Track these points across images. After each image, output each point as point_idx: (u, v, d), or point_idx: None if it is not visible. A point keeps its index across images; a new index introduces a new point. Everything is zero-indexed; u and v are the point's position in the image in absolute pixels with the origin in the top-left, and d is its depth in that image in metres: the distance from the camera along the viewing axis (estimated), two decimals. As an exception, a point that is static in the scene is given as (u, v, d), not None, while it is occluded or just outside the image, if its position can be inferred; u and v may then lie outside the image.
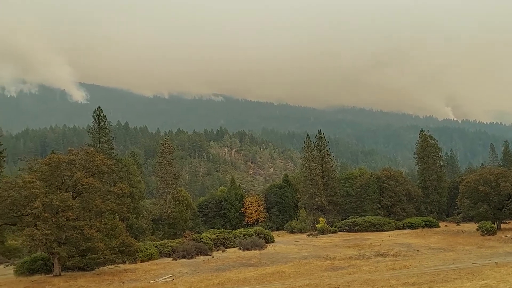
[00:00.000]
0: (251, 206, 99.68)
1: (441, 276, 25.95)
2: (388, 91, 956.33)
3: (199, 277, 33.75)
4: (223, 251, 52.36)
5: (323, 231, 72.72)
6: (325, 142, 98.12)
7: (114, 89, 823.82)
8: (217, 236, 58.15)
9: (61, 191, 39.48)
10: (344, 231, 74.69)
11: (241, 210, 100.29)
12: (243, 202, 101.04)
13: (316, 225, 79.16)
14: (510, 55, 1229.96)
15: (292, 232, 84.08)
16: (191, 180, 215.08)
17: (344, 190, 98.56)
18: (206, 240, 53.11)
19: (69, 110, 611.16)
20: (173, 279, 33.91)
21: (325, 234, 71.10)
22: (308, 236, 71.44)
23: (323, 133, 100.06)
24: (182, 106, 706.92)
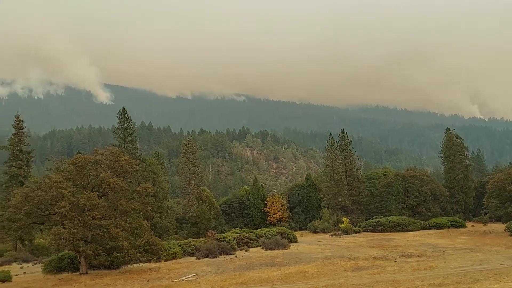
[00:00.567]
0: (274, 206, 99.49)
1: (468, 278, 25.39)
2: (412, 90, 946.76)
3: (222, 276, 33.85)
4: (246, 251, 52.47)
5: (347, 231, 72.07)
6: (348, 141, 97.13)
7: (138, 90, 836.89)
8: (240, 236, 58.31)
9: (87, 191, 40.12)
10: (368, 231, 73.83)
11: (264, 210, 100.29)
12: (266, 202, 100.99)
13: (340, 225, 78.62)
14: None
15: (315, 232, 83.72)
16: (214, 180, 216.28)
17: (368, 190, 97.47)
18: (229, 240, 53.34)
19: (95, 111, 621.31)
20: (197, 278, 34.05)
21: (349, 234, 70.48)
22: (332, 236, 71.01)
23: (346, 132, 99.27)
24: (205, 106, 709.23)
